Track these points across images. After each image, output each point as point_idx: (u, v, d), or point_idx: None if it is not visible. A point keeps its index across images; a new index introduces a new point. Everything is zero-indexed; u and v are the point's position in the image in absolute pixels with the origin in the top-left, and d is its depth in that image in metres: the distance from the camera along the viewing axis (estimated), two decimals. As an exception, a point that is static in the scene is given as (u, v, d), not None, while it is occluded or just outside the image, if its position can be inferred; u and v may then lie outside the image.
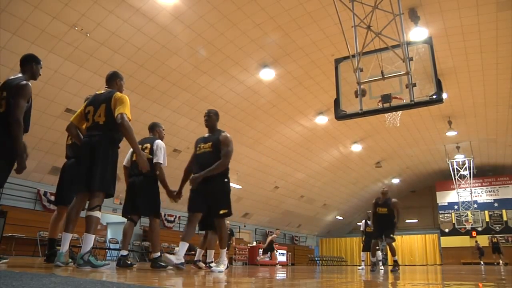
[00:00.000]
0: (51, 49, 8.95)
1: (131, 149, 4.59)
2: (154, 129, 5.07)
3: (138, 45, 9.87)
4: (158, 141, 4.77)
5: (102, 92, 3.82)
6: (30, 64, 3.61)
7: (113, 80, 3.92)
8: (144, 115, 11.97)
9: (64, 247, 3.40)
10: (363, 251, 11.35)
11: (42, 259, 5.70)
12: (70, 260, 3.75)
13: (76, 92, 10.24)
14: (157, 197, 4.64)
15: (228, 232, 11.98)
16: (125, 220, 4.80)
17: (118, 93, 3.76)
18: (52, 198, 11.71)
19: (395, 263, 7.38)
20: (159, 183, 4.67)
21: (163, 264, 4.50)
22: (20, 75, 3.54)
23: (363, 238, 11.06)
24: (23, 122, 3.35)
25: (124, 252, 4.61)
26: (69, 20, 8.57)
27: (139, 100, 11.46)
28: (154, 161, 4.56)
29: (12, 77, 3.52)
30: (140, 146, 4.35)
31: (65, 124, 11.57)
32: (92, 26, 8.92)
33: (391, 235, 7.49)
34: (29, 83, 3.47)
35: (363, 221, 11.04)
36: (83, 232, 3.51)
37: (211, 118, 4.76)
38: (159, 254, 4.65)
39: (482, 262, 19.85)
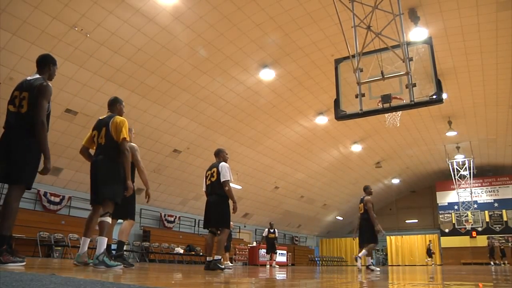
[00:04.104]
0: (51, 50, 8.94)
1: (205, 175, 5.66)
2: (219, 154, 5.79)
3: (138, 45, 9.87)
4: (222, 163, 5.56)
5: (104, 117, 4.29)
6: (48, 66, 3.61)
7: (114, 105, 4.40)
8: (144, 115, 11.98)
9: (82, 250, 3.97)
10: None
11: (43, 259, 5.78)
12: (91, 261, 4.05)
13: (76, 93, 10.24)
14: (226, 212, 5.37)
15: None
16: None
17: (117, 117, 4.22)
18: (52, 198, 11.74)
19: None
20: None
21: (221, 266, 5.17)
22: (37, 76, 3.51)
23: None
24: None
25: (210, 258, 5.30)
26: (69, 20, 8.57)
27: (139, 100, 11.46)
28: (222, 180, 5.34)
29: (30, 78, 3.48)
30: (209, 171, 5.56)
31: (65, 124, 11.54)
32: (92, 26, 8.92)
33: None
34: (50, 84, 3.48)
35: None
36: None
37: None
38: (220, 257, 5.32)
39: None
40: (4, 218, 3.13)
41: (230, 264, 8.64)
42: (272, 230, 13.68)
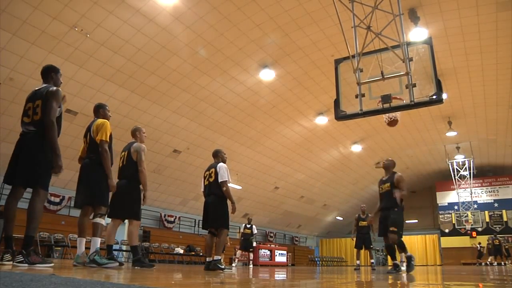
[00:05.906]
0: (51, 50, 8.95)
1: (203, 175, 5.61)
2: (218, 155, 5.77)
3: (138, 45, 9.87)
4: (220, 164, 5.51)
5: (90, 123, 4.48)
6: (49, 74, 3.82)
7: (97, 111, 4.58)
8: (144, 115, 11.98)
9: (80, 250, 4.13)
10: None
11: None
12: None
13: (76, 93, 10.24)
14: (224, 212, 5.35)
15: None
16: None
17: (98, 120, 4.40)
18: (52, 198, 11.72)
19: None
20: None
21: (221, 266, 5.22)
22: (45, 84, 3.73)
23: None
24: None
25: (210, 259, 5.34)
26: (69, 20, 8.58)
27: (139, 100, 11.46)
28: (220, 180, 5.30)
29: (38, 87, 3.69)
30: (207, 172, 5.54)
31: (65, 125, 11.47)
32: (92, 26, 8.93)
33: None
34: (60, 89, 3.70)
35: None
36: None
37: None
38: (220, 258, 5.36)
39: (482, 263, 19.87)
40: (28, 219, 3.28)
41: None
42: (249, 226, 12.63)
